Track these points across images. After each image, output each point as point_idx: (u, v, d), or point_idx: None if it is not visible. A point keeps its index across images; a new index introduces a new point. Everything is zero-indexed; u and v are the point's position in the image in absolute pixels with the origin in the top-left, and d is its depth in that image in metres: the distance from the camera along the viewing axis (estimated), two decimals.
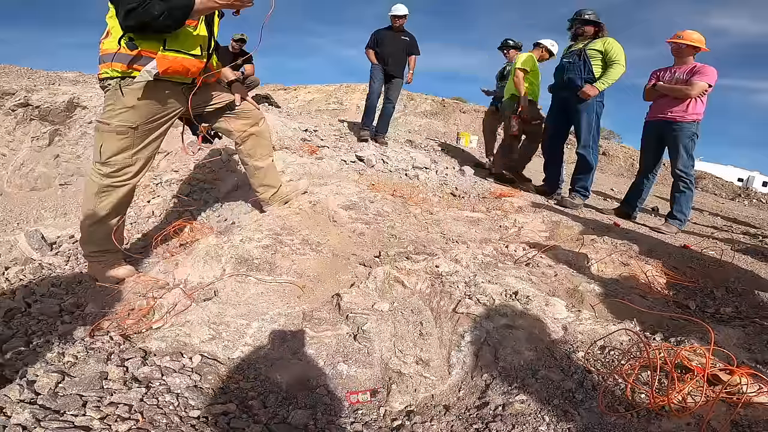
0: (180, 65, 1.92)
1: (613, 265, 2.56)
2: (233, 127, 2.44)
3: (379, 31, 5.30)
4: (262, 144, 2.58)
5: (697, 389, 1.33)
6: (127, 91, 1.89)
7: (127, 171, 2.04)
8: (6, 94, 4.44)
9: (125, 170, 2.03)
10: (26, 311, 1.91)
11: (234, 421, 1.38)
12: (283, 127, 5.16)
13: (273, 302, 2.03)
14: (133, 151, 2.01)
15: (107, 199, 2.05)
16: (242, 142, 2.51)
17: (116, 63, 1.85)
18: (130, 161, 2.03)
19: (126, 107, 1.91)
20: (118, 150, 1.98)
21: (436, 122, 15.71)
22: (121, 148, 1.98)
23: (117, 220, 2.18)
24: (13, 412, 1.20)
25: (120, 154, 1.99)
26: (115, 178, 2.03)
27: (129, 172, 2.05)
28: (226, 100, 2.37)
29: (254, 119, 2.51)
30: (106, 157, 1.98)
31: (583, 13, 3.85)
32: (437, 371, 1.70)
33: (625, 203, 3.98)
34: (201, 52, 2.01)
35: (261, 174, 2.65)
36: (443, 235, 2.93)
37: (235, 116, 2.43)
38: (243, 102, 2.45)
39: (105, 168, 2.00)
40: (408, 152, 5.14)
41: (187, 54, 1.94)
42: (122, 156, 2.00)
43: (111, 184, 2.03)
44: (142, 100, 1.92)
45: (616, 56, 3.70)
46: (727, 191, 9.23)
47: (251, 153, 2.56)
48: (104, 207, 2.06)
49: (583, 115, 3.90)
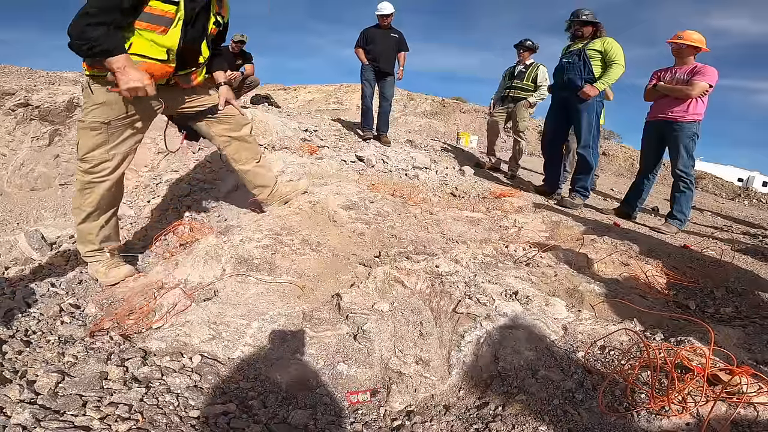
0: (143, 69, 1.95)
1: (613, 265, 2.56)
2: (214, 132, 2.46)
3: (368, 30, 5.35)
4: (245, 148, 2.59)
5: (697, 389, 1.32)
6: (96, 88, 1.95)
7: (105, 167, 2.08)
8: (6, 94, 4.45)
9: (103, 165, 2.07)
10: (26, 311, 1.91)
11: (234, 421, 1.39)
12: (283, 127, 5.16)
13: (273, 302, 2.03)
14: (108, 146, 2.05)
15: (91, 195, 2.10)
16: (224, 146, 2.53)
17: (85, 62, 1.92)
18: (107, 156, 2.07)
19: (96, 104, 1.97)
20: (93, 146, 2.02)
21: (436, 122, 15.70)
22: (97, 143, 2.02)
23: (106, 217, 2.20)
24: (13, 412, 1.20)
25: (96, 150, 2.03)
26: (95, 174, 2.07)
27: (107, 167, 2.09)
28: (207, 104, 2.39)
29: (237, 125, 2.51)
30: (83, 153, 2.03)
31: (581, 13, 3.84)
32: (437, 371, 1.70)
33: (625, 203, 3.98)
34: (168, 57, 2.02)
35: (250, 176, 2.67)
36: (443, 235, 2.93)
37: (216, 120, 2.44)
38: (227, 107, 2.46)
39: (84, 164, 2.05)
40: (408, 152, 5.14)
41: (151, 59, 1.97)
42: (98, 152, 2.04)
43: (92, 180, 2.08)
44: (112, 98, 1.96)
45: (615, 56, 3.70)
46: (727, 191, 9.23)
47: (235, 157, 2.58)
48: (90, 203, 2.11)
49: (583, 115, 3.90)
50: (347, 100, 17.34)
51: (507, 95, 5.19)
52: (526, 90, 5.07)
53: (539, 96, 5.06)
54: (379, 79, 5.41)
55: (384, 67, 5.32)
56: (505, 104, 5.24)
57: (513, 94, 5.14)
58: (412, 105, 17.22)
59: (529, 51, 5.12)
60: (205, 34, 2.16)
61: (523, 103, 5.07)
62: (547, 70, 5.01)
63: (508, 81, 5.20)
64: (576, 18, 3.87)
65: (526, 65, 5.10)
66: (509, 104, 5.20)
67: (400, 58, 5.42)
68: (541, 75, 5.00)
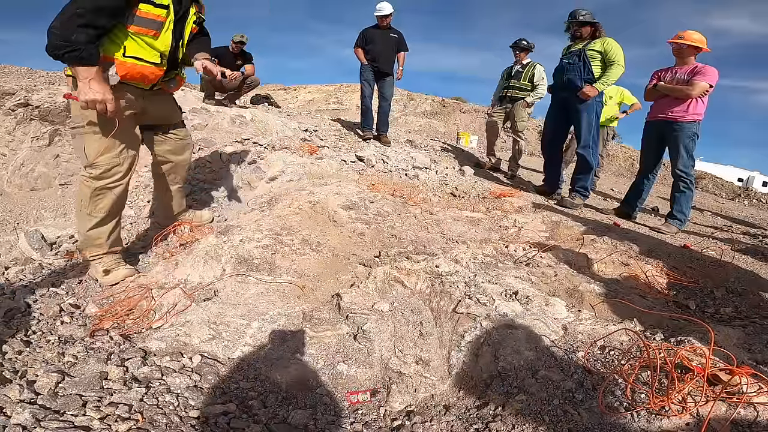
0: (138, 72, 1.98)
1: (613, 265, 2.56)
2: (158, 149, 2.46)
3: (368, 30, 5.35)
4: (176, 172, 2.59)
5: (697, 389, 1.32)
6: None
7: (117, 171, 2.08)
8: (6, 94, 4.45)
9: (114, 170, 2.06)
10: (26, 311, 1.91)
11: (234, 421, 1.39)
12: (283, 127, 5.16)
13: (273, 302, 2.03)
14: (117, 150, 2.05)
15: (103, 201, 2.09)
16: (162, 163, 2.52)
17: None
18: (118, 161, 2.06)
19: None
20: (102, 149, 2.01)
21: (436, 122, 15.71)
22: (104, 147, 2.01)
23: (116, 221, 2.21)
24: (13, 412, 1.20)
25: (105, 154, 2.02)
26: (107, 180, 2.06)
27: (119, 171, 2.08)
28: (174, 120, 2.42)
29: (181, 148, 2.53)
30: (93, 158, 2.01)
31: (578, 14, 3.87)
32: (437, 371, 1.70)
33: (625, 203, 3.98)
34: (161, 60, 2.04)
35: (167, 197, 2.67)
36: (443, 235, 2.92)
37: (165, 139, 2.45)
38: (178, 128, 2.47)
39: (95, 170, 2.03)
40: (408, 152, 5.14)
41: (146, 62, 1.98)
42: (108, 156, 2.03)
43: (105, 186, 2.06)
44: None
45: (615, 56, 3.71)
46: (727, 191, 9.23)
47: (169, 178, 2.58)
48: (102, 209, 2.10)
49: (583, 115, 3.91)
50: (347, 100, 17.35)
51: (505, 95, 5.21)
52: (523, 90, 5.08)
53: (536, 95, 5.07)
54: (379, 79, 5.42)
55: (383, 67, 5.32)
56: (504, 104, 5.25)
57: (511, 94, 5.15)
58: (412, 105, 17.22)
59: (525, 51, 5.13)
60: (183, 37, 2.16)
61: (521, 103, 5.08)
62: (544, 69, 5.04)
63: (506, 81, 5.21)
64: (574, 19, 3.88)
65: (523, 65, 5.11)
66: (507, 104, 5.21)
67: (399, 58, 5.43)
68: (538, 74, 5.01)
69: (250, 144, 4.30)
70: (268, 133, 4.88)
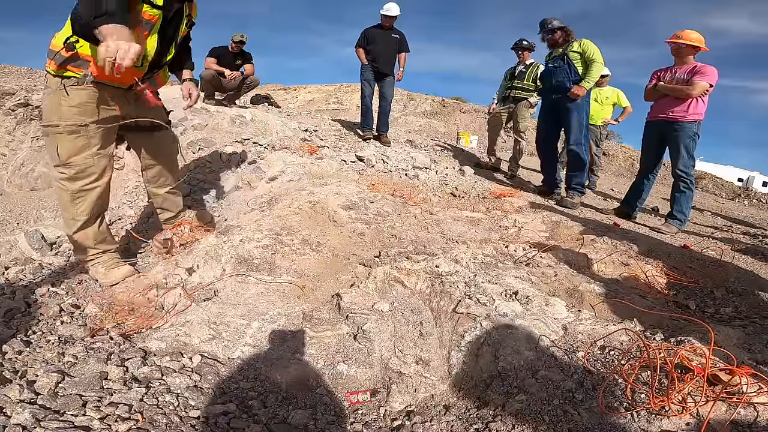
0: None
1: (613, 265, 2.56)
2: (142, 152, 2.42)
3: (369, 30, 5.33)
4: (164, 175, 2.55)
5: (697, 389, 1.32)
6: (72, 90, 1.90)
7: (92, 171, 2.03)
8: (6, 94, 4.45)
9: (89, 170, 2.02)
10: (26, 311, 1.91)
11: (234, 421, 1.38)
12: (283, 127, 5.16)
13: (273, 302, 2.03)
14: (92, 150, 2.00)
15: (83, 204, 2.06)
16: (146, 168, 2.49)
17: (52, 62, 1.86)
18: (92, 162, 2.02)
19: (71, 106, 1.92)
20: (75, 150, 1.97)
21: (436, 122, 15.71)
22: (78, 147, 1.97)
23: (99, 221, 2.18)
24: (13, 412, 1.20)
25: (79, 155, 1.98)
26: (82, 181, 2.02)
27: (94, 172, 2.04)
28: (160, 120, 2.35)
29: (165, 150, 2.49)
30: (66, 157, 1.96)
31: (547, 23, 4.05)
32: (437, 371, 1.70)
33: (625, 203, 3.99)
34: (141, 63, 1.98)
35: (159, 200, 2.63)
36: (443, 235, 2.92)
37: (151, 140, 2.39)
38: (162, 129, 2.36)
39: (68, 170, 1.99)
40: (408, 152, 5.14)
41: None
42: (82, 156, 1.99)
43: (82, 188, 2.03)
44: (87, 100, 1.93)
45: (593, 55, 3.89)
46: (727, 191, 9.23)
47: (151, 180, 2.53)
48: (83, 212, 2.07)
49: (573, 114, 4.02)
50: (347, 100, 17.34)
51: (508, 95, 5.21)
52: (527, 90, 5.09)
53: (539, 96, 5.08)
54: (379, 79, 5.41)
55: (383, 67, 5.31)
56: (506, 104, 5.26)
57: (514, 95, 5.16)
58: (412, 105, 17.22)
59: (527, 50, 5.13)
60: (176, 38, 2.13)
61: (524, 104, 5.09)
62: None
63: (509, 81, 5.22)
64: (544, 27, 4.08)
65: (526, 65, 5.11)
66: (510, 104, 5.21)
67: (400, 59, 5.42)
68: None
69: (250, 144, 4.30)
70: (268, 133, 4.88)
